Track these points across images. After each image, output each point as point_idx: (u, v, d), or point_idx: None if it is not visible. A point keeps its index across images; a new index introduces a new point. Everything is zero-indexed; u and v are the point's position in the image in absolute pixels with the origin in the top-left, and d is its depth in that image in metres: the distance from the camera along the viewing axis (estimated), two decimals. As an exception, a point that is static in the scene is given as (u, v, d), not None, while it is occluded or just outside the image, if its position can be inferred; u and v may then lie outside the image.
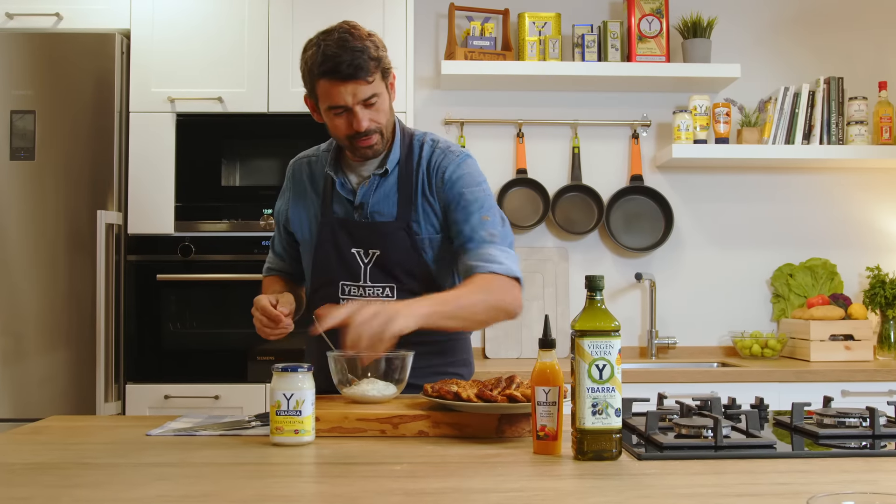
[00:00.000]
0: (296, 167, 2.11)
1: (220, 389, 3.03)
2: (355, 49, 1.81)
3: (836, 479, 1.29)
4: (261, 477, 1.33)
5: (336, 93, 1.83)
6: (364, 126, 1.86)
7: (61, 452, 1.51)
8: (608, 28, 3.55)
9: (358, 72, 1.81)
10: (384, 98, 1.89)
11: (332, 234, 1.96)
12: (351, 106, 1.84)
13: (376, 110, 1.87)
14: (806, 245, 3.71)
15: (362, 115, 1.85)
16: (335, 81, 1.82)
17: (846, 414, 1.64)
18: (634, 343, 3.68)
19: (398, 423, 1.62)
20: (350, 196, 1.97)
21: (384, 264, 1.94)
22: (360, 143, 1.90)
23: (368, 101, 1.85)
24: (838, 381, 3.04)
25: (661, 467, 1.35)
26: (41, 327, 3.02)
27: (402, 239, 1.93)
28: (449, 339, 2.03)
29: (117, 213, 3.06)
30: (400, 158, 1.97)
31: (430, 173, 1.95)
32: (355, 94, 1.83)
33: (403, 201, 1.94)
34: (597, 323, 1.40)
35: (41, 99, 3.05)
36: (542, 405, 1.44)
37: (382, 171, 1.95)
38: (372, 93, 1.85)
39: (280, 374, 1.54)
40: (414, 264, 1.94)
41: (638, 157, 3.69)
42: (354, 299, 1.92)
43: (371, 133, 1.88)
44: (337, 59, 1.80)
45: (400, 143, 1.98)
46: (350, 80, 1.81)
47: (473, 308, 1.82)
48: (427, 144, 1.99)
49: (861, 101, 3.52)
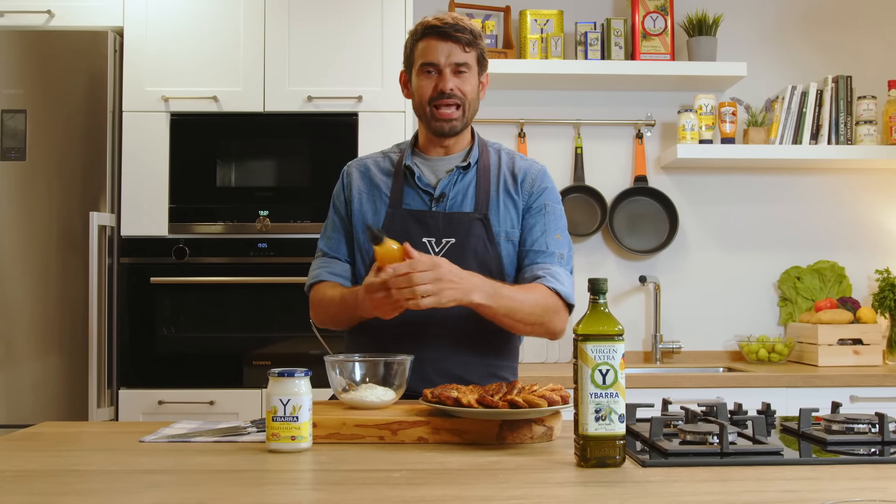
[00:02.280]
0: (360, 166, 2.15)
1: (215, 395, 3.03)
2: (461, 21, 2.02)
3: (844, 486, 1.29)
4: (257, 484, 1.33)
5: (433, 48, 2.00)
6: (449, 87, 1.99)
7: (53, 459, 1.51)
8: (612, 25, 3.56)
9: (458, 34, 1.99)
10: (473, 75, 2.04)
11: (402, 224, 2.01)
12: (442, 66, 2.00)
13: (463, 81, 2.01)
14: (814, 247, 3.72)
15: (450, 77, 2.00)
16: (435, 39, 2.00)
17: (855, 420, 1.64)
18: (638, 347, 3.68)
19: (397, 429, 1.62)
20: (429, 188, 2.05)
21: (457, 254, 1.98)
22: (440, 111, 2.01)
23: (458, 69, 2.01)
24: (847, 386, 3.04)
25: (665, 474, 1.35)
26: (32, 331, 3.02)
27: (478, 229, 2.01)
28: (504, 341, 2.07)
29: (110, 214, 3.06)
30: (479, 158, 2.09)
31: (513, 175, 2.08)
32: (450, 54, 2.00)
33: (482, 195, 2.04)
34: (600, 327, 1.41)
35: (32, 98, 3.05)
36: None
37: (466, 164, 2.06)
38: (465, 60, 2.01)
39: (276, 378, 1.54)
40: (487, 255, 2.01)
41: (642, 158, 3.69)
42: None
43: (452, 98, 2.00)
44: (444, 21, 2.00)
45: (478, 145, 2.11)
46: (448, 40, 1.99)
47: (528, 313, 1.93)
48: (504, 152, 2.14)
49: (870, 101, 3.52)
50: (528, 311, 1.92)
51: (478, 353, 2.00)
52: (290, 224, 3.09)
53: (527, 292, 1.94)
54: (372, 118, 3.10)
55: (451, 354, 1.98)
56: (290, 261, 3.07)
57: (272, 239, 3.10)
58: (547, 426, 1.61)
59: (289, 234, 3.09)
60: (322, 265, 2.11)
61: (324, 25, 3.16)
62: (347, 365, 1.79)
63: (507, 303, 1.88)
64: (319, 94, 3.13)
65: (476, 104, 2.07)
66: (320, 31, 3.16)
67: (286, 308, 3.08)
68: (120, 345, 3.09)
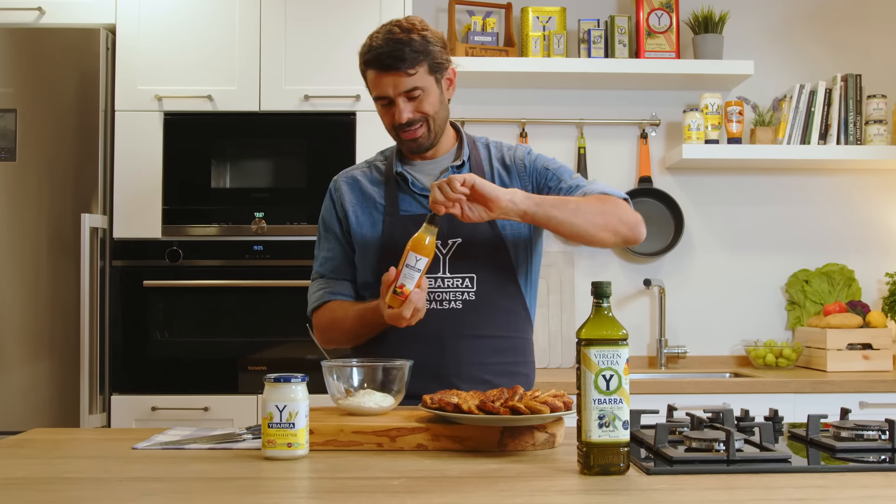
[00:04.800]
0: (347, 179, 2.15)
1: (209, 401, 3.03)
2: (398, 41, 1.93)
3: (853, 494, 1.29)
4: (252, 492, 1.33)
5: (379, 83, 1.97)
6: (405, 117, 1.97)
7: (44, 467, 1.51)
8: (615, 23, 3.56)
9: (397, 63, 1.93)
10: (431, 92, 1.99)
11: (404, 230, 2.00)
12: (393, 97, 1.96)
13: (422, 100, 1.98)
14: (822, 250, 3.72)
15: (404, 106, 1.97)
16: (377, 72, 1.96)
17: (864, 426, 1.64)
18: (643, 352, 3.68)
19: (396, 436, 1.62)
20: (425, 191, 2.05)
21: (465, 252, 2.01)
22: (403, 136, 2.01)
23: (411, 94, 1.96)
24: (856, 392, 3.04)
25: (670, 482, 1.35)
26: (23, 336, 3.02)
27: (482, 226, 2.00)
28: (518, 338, 2.09)
29: (102, 216, 3.06)
30: (470, 154, 2.09)
31: (504, 165, 2.09)
32: (396, 85, 1.95)
33: None
34: (604, 331, 1.41)
35: (23, 97, 3.06)
36: (409, 268, 1.77)
37: (460, 163, 2.07)
38: (413, 86, 1.95)
39: (272, 384, 1.54)
40: (494, 249, 2.02)
41: (646, 158, 3.69)
42: (431, 292, 1.98)
43: (414, 123, 1.99)
44: (378, 51, 1.94)
45: (466, 142, 2.11)
46: (389, 71, 1.94)
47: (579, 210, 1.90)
48: (491, 144, 2.15)
49: (880, 100, 3.52)
50: (594, 209, 1.91)
51: (496, 354, 2.02)
52: (287, 226, 3.09)
53: (581, 198, 1.95)
54: (370, 118, 3.10)
55: (466, 356, 1.99)
56: (286, 263, 3.08)
57: (268, 241, 3.10)
58: (549, 433, 1.62)
59: (285, 237, 3.09)
60: (322, 286, 2.11)
61: (321, 23, 3.17)
62: (345, 370, 1.79)
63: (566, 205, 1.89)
64: (316, 93, 3.13)
65: (444, 111, 2.05)
66: (317, 28, 3.16)
67: (282, 312, 3.08)
68: (112, 349, 3.09)
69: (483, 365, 2.00)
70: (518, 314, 2.07)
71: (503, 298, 2.03)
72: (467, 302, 1.99)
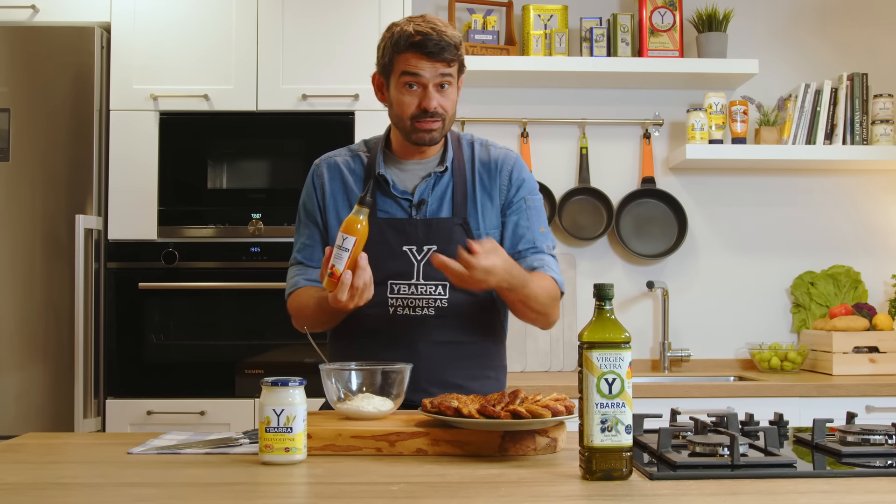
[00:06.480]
0: (330, 166, 2.16)
1: (206, 405, 3.03)
2: (444, 32, 2.00)
3: (860, 499, 1.29)
4: (249, 498, 1.33)
5: (419, 65, 1.99)
6: (433, 106, 2.00)
7: (38, 472, 1.52)
8: (618, 21, 3.56)
9: (444, 51, 1.98)
10: (454, 89, 2.05)
11: (380, 233, 2.02)
12: (427, 82, 1.99)
13: (445, 96, 2.02)
14: (828, 251, 3.72)
15: (434, 95, 2.00)
16: (421, 55, 1.98)
17: (871, 431, 1.64)
18: (646, 355, 3.68)
19: (395, 440, 1.62)
20: (406, 195, 2.07)
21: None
22: (422, 125, 2.03)
23: (441, 85, 2.01)
24: (862, 395, 3.04)
25: (673, 488, 1.36)
26: (16, 338, 3.02)
27: (459, 234, 2.04)
28: (489, 344, 2.12)
29: (97, 217, 3.06)
30: (453, 157, 2.11)
31: (489, 170, 2.12)
32: (434, 72, 2.00)
33: (459, 198, 2.08)
34: (606, 334, 1.41)
35: (16, 96, 3.06)
36: (339, 248, 1.79)
37: (443, 168, 2.09)
38: (448, 72, 2.01)
39: (270, 388, 1.55)
40: None
41: (650, 158, 3.70)
42: (404, 298, 2.02)
43: (436, 116, 2.02)
44: (428, 36, 1.98)
45: (452, 144, 2.13)
46: (435, 57, 1.98)
47: (542, 303, 2.03)
48: (477, 143, 2.17)
49: (887, 99, 3.52)
50: (542, 301, 2.03)
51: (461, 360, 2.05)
52: (284, 227, 3.09)
53: (540, 280, 2.04)
54: (369, 117, 3.10)
55: (437, 360, 2.01)
56: (283, 265, 3.01)
57: (265, 243, 3.10)
58: (551, 437, 1.62)
59: (282, 238, 3.09)
60: (298, 273, 2.14)
61: (319, 21, 3.17)
62: (343, 374, 1.79)
63: (522, 290, 1.97)
64: (314, 92, 3.14)
65: (455, 111, 2.09)
66: (315, 27, 3.17)
67: (280, 315, 3.05)
68: (107, 353, 3.09)
69: (454, 370, 2.03)
70: (489, 321, 2.11)
71: (475, 306, 2.06)
72: (440, 308, 2.02)
